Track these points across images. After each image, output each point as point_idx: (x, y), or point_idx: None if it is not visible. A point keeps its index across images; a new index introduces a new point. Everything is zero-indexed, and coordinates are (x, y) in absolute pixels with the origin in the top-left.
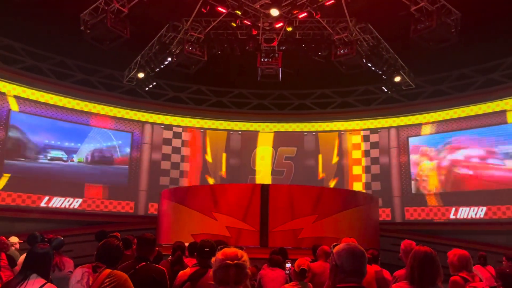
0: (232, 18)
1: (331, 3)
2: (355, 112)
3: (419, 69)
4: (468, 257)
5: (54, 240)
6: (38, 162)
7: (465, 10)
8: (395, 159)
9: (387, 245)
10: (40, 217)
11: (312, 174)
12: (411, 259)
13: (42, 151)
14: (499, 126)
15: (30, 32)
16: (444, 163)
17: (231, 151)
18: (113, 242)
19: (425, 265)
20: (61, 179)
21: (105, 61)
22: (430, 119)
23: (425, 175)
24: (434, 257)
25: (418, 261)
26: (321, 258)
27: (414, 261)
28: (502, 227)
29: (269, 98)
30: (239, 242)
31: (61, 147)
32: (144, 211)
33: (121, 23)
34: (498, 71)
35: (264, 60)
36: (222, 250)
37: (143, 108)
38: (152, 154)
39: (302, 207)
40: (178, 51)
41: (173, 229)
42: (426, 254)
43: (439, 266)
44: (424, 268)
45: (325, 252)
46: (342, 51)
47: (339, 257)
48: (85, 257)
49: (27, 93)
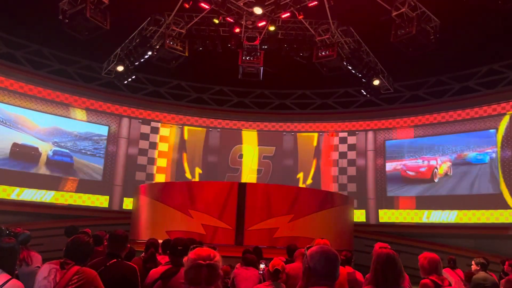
0: (215, 14)
1: (314, 4)
2: (334, 114)
3: (398, 73)
4: (438, 261)
5: (20, 235)
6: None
7: (444, 18)
8: (371, 162)
9: (361, 246)
10: (9, 209)
11: (290, 174)
12: (374, 262)
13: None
14: (475, 132)
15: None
16: (420, 167)
17: (209, 148)
18: (82, 238)
19: (388, 268)
20: (34, 171)
21: (83, 52)
22: (407, 123)
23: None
24: (396, 259)
25: (381, 264)
26: (298, 260)
27: (377, 264)
28: (471, 231)
29: (249, 96)
30: (215, 240)
31: (35, 138)
32: (119, 206)
33: (101, 14)
34: (473, 79)
35: (246, 58)
36: (195, 250)
37: (121, 101)
38: (129, 149)
39: (279, 206)
40: (159, 46)
41: (148, 225)
42: (388, 256)
43: (401, 267)
44: (387, 271)
45: (302, 253)
46: (323, 52)
47: (312, 259)
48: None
49: (5, 83)
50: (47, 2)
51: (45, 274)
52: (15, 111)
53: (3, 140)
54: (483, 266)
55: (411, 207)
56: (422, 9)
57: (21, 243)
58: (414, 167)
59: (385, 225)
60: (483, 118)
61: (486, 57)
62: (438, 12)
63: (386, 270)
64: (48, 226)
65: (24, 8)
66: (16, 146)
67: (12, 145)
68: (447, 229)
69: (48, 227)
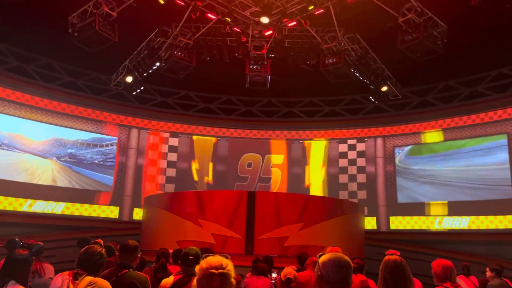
0: (222, 25)
1: (320, 12)
2: (342, 121)
3: (405, 79)
4: (452, 268)
5: (34, 246)
6: (21, 165)
7: (451, 23)
8: (381, 168)
9: (373, 254)
10: (21, 221)
11: (299, 182)
12: (382, 270)
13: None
14: (486, 137)
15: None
16: (429, 173)
17: (218, 158)
18: (95, 248)
19: (397, 275)
20: (45, 183)
21: (92, 64)
22: (416, 129)
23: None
24: (404, 266)
25: (389, 271)
26: (308, 268)
27: (385, 271)
28: (485, 237)
29: (257, 105)
30: (225, 249)
31: (46, 151)
32: (129, 217)
33: (109, 26)
34: (483, 84)
35: (253, 67)
36: (207, 259)
37: (129, 112)
38: (138, 159)
39: (288, 215)
40: (166, 56)
41: (158, 235)
42: (396, 264)
43: (410, 275)
44: (396, 278)
45: (313, 261)
46: (330, 60)
47: (324, 267)
48: (68, 262)
49: (12, 96)
50: (56, 16)
51: (58, 285)
52: (26, 124)
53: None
54: (498, 273)
55: (422, 214)
56: (429, 15)
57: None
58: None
59: (396, 232)
60: (494, 123)
61: (495, 61)
62: (445, 17)
63: (395, 277)
64: (59, 238)
65: (34, 22)
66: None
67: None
68: (460, 236)
69: (60, 239)
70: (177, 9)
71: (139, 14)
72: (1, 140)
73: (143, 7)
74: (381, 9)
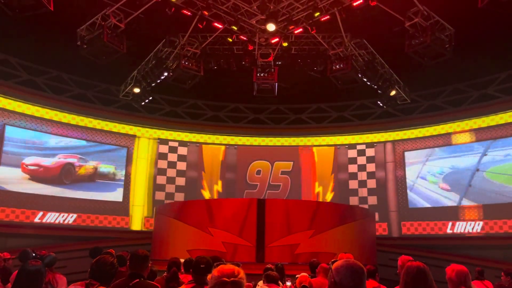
0: (228, 33)
1: (326, 19)
2: (351, 127)
3: (414, 83)
4: (467, 273)
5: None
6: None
7: (459, 26)
8: (391, 174)
9: (385, 260)
10: (34, 232)
11: (309, 188)
12: (404, 275)
13: (36, 166)
14: (498, 140)
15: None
16: (441, 176)
17: (227, 166)
18: (107, 258)
19: (419, 281)
20: (56, 194)
21: (101, 76)
22: (426, 133)
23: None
24: (426, 272)
25: (411, 277)
26: (319, 274)
27: (407, 277)
28: (499, 241)
29: (265, 112)
30: (235, 257)
31: (56, 161)
32: (140, 226)
33: (117, 38)
34: (492, 86)
35: (260, 75)
36: (219, 267)
37: (139, 122)
38: (148, 169)
39: (299, 222)
40: (174, 66)
41: (168, 244)
42: (419, 270)
43: (432, 281)
44: (418, 284)
45: (323, 268)
46: (337, 66)
47: (337, 273)
48: (80, 273)
49: (23, 108)
50: (65, 28)
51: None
52: (35, 136)
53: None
54: None
55: (434, 218)
56: (436, 18)
57: (47, 265)
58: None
59: (408, 237)
60: (505, 125)
61: (504, 63)
62: (452, 20)
63: (416, 283)
64: (71, 249)
65: (43, 35)
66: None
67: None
68: (473, 240)
69: (71, 249)
70: (184, 19)
71: (147, 25)
72: (12, 152)
73: (150, 18)
74: (387, 14)
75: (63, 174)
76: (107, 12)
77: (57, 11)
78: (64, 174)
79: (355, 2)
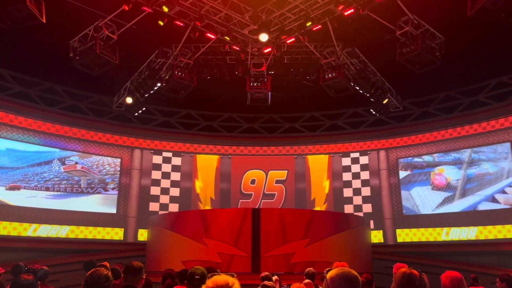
0: (221, 43)
1: (318, 28)
2: (344, 135)
3: (406, 91)
4: (460, 279)
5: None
6: (25, 190)
7: (449, 34)
8: (385, 181)
9: (380, 268)
10: (26, 246)
11: (303, 197)
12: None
13: (28, 178)
14: (489, 146)
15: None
16: (435, 183)
17: (221, 175)
18: (101, 271)
19: (405, 287)
20: (49, 207)
21: (94, 87)
22: (419, 140)
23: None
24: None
25: (397, 283)
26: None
27: (394, 283)
28: (494, 247)
29: (258, 121)
30: (231, 268)
31: (49, 174)
32: (134, 238)
33: (110, 49)
34: (483, 93)
35: (253, 85)
36: (213, 278)
37: (132, 133)
38: (142, 180)
39: (294, 231)
40: (167, 77)
41: (163, 256)
42: (404, 275)
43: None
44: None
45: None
46: (330, 75)
47: (332, 282)
48: (73, 286)
49: (15, 121)
50: (58, 40)
51: None
52: (28, 148)
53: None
54: (509, 283)
55: (429, 225)
56: (426, 27)
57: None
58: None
59: (404, 245)
60: (496, 131)
61: (494, 70)
62: (442, 28)
63: None
64: (64, 262)
65: (36, 47)
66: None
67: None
68: (468, 247)
69: (64, 263)
70: (177, 30)
71: (139, 36)
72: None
73: (143, 29)
74: (378, 23)
75: (57, 185)
76: (99, 24)
77: (50, 23)
78: (58, 185)
79: (346, 12)
